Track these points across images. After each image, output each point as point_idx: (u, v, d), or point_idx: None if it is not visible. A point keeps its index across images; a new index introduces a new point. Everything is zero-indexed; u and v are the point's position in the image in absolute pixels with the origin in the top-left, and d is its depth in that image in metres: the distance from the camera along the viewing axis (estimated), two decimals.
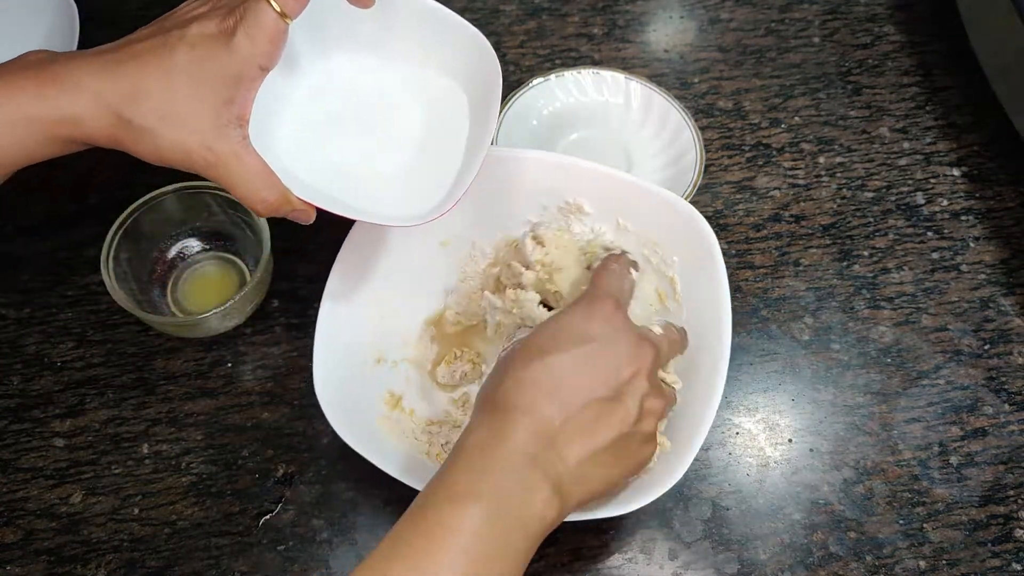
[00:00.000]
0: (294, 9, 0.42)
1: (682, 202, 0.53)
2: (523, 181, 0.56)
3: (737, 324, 0.61)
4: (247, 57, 0.42)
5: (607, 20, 0.77)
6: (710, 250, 0.52)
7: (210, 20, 0.42)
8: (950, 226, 0.67)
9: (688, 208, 0.53)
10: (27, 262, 0.61)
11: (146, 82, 0.41)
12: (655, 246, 0.55)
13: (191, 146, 0.42)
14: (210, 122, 0.42)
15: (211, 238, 0.61)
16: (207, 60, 0.41)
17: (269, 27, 0.41)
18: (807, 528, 0.54)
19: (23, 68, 0.42)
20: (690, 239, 0.53)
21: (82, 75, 0.41)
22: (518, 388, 0.41)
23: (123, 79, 0.41)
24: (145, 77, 0.41)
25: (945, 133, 0.71)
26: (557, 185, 0.56)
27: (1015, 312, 0.63)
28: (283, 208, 0.45)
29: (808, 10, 0.78)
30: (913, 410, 0.59)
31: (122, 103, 0.41)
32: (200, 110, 0.42)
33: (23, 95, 0.41)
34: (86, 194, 0.64)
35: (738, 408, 0.58)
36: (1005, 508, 0.55)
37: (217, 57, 0.41)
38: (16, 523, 0.52)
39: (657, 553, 0.53)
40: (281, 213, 0.45)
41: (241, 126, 0.43)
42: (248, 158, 0.43)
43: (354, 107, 0.51)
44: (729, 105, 0.72)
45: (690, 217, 0.53)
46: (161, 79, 0.41)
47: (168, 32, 0.42)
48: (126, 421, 0.56)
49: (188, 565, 0.51)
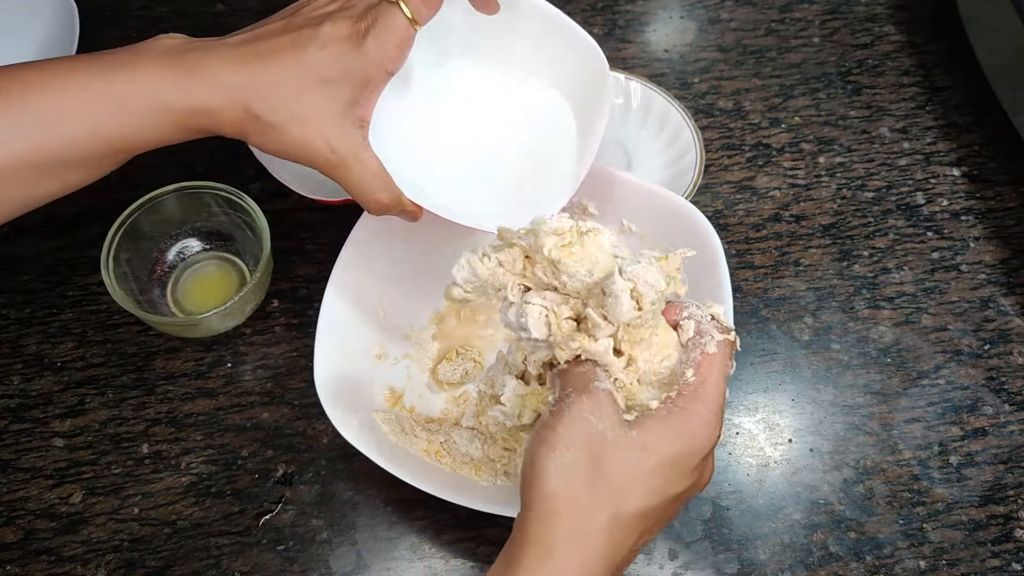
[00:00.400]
0: (425, 16, 0.43)
1: (687, 204, 0.53)
2: None
3: (737, 324, 0.61)
4: (376, 61, 0.43)
5: (607, 20, 0.77)
6: (714, 254, 0.51)
7: (342, 21, 0.43)
8: (950, 226, 0.67)
9: (693, 211, 0.53)
10: (27, 262, 0.61)
11: (279, 80, 0.42)
12: (659, 248, 0.55)
13: (316, 145, 0.43)
14: (335, 123, 0.43)
15: (211, 238, 0.61)
16: (337, 62, 0.42)
17: (400, 33, 0.42)
18: (807, 528, 0.54)
19: (163, 55, 0.43)
20: (694, 242, 0.52)
21: (220, 69, 0.42)
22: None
23: (258, 75, 0.42)
24: (278, 74, 0.42)
25: (945, 133, 0.71)
26: None
27: (1015, 312, 0.63)
28: (394, 209, 0.46)
29: (808, 10, 0.78)
30: (913, 410, 0.59)
31: (254, 99, 0.42)
32: (327, 110, 0.43)
33: (163, 84, 0.42)
34: (86, 194, 0.64)
35: (738, 408, 0.58)
36: (1005, 508, 0.55)
37: (347, 59, 0.42)
38: (16, 523, 0.52)
39: (657, 553, 0.53)
40: (392, 213, 0.47)
41: (362, 127, 0.44)
42: (368, 159, 0.44)
43: (465, 113, 0.52)
44: (729, 105, 0.72)
45: (694, 220, 0.53)
46: (293, 78, 0.42)
47: (300, 29, 0.43)
48: (126, 421, 0.56)
49: (188, 565, 0.51)
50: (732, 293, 0.50)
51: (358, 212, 0.64)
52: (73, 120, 0.41)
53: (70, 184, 0.44)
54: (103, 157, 0.43)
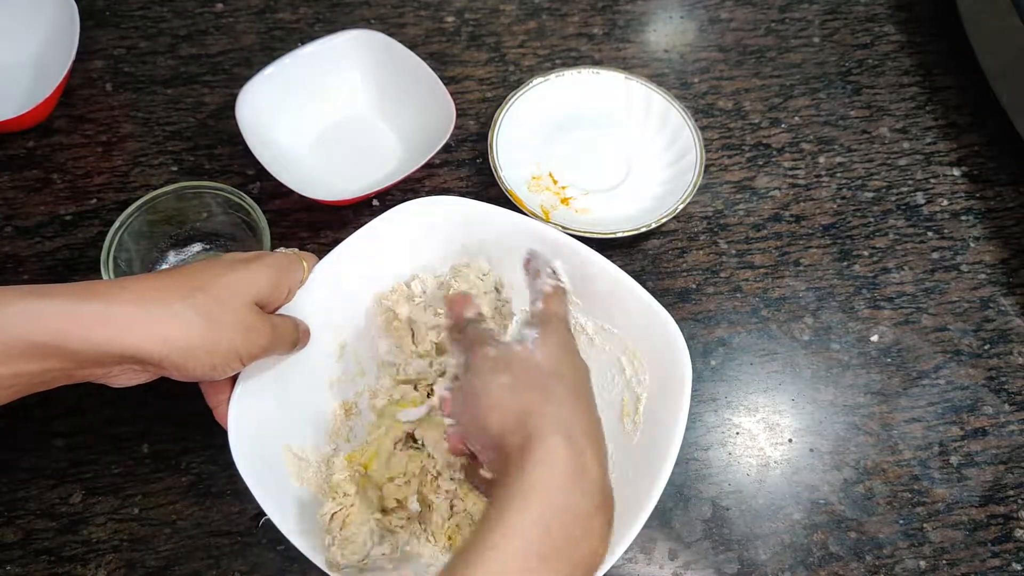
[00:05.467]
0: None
1: (668, 320, 0.50)
2: (503, 234, 0.54)
3: (737, 324, 0.61)
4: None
5: (607, 20, 0.77)
6: (682, 379, 0.48)
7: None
8: (950, 226, 0.67)
9: (674, 330, 0.50)
10: (27, 262, 0.61)
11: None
12: (632, 356, 0.52)
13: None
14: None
15: (211, 238, 0.61)
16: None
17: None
18: (807, 528, 0.54)
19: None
20: (664, 359, 0.50)
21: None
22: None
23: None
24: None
25: (945, 133, 0.71)
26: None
27: (1015, 312, 0.63)
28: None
29: (808, 10, 0.78)
30: (913, 410, 0.59)
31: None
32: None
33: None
34: (86, 194, 0.64)
35: (738, 408, 0.58)
36: (1005, 508, 0.55)
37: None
38: (16, 523, 0.52)
39: (657, 553, 0.53)
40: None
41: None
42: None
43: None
44: (729, 105, 0.72)
45: (673, 341, 0.49)
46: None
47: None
48: (126, 421, 0.56)
49: (188, 565, 0.51)
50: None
51: (359, 212, 0.64)
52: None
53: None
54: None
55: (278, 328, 0.46)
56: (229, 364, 0.43)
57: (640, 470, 0.47)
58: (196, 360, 0.41)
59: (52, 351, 0.39)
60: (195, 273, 0.43)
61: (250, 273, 0.44)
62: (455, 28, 0.75)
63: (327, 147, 0.67)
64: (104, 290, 0.40)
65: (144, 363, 0.41)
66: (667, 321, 0.50)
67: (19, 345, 0.38)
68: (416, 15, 0.76)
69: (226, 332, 0.42)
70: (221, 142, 0.67)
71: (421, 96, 0.66)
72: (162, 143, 0.67)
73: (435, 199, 0.54)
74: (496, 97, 0.71)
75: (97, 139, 0.67)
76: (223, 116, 0.69)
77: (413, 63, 0.66)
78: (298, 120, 0.67)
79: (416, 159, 0.63)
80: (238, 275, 0.43)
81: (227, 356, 0.42)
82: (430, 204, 0.54)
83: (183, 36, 0.73)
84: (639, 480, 0.46)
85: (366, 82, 0.68)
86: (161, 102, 0.69)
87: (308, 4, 0.76)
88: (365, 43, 0.67)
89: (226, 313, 0.42)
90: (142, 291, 0.41)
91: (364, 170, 0.66)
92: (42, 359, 0.39)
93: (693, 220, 0.66)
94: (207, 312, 0.41)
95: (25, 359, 0.39)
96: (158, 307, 0.40)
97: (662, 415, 0.48)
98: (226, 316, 0.42)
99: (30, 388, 0.41)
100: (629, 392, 0.51)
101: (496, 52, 0.74)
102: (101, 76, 0.70)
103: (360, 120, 0.69)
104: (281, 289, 0.46)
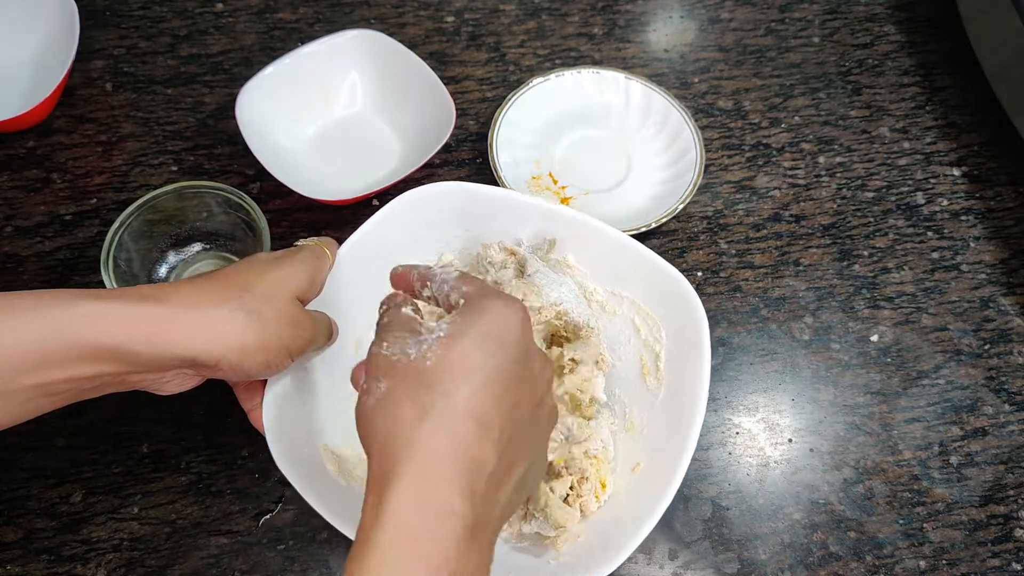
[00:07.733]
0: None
1: (679, 277, 0.51)
2: (515, 222, 0.55)
3: (737, 324, 0.61)
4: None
5: (607, 20, 0.77)
6: (699, 334, 0.49)
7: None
8: (950, 226, 0.67)
9: (685, 285, 0.51)
10: (27, 262, 0.61)
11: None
12: (646, 316, 0.53)
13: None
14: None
15: (211, 238, 0.61)
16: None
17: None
18: (807, 528, 0.54)
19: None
20: (679, 316, 0.51)
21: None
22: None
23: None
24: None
25: (945, 133, 0.71)
26: (542, 229, 0.55)
27: (1015, 312, 0.63)
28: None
29: (808, 10, 0.78)
30: (913, 410, 0.59)
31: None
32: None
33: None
34: (86, 194, 0.64)
35: (738, 408, 0.58)
36: (1005, 508, 0.55)
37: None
38: (16, 522, 0.52)
39: (657, 553, 0.53)
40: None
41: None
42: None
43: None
44: (729, 105, 0.72)
45: (684, 294, 0.50)
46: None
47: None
48: (126, 421, 0.56)
49: (188, 564, 0.51)
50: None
51: (359, 212, 0.64)
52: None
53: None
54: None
55: (318, 322, 0.46)
56: (281, 360, 0.43)
57: (671, 426, 0.49)
58: (252, 359, 0.42)
59: (111, 355, 0.39)
60: (238, 274, 0.43)
61: (289, 270, 0.45)
62: (455, 28, 0.75)
63: (327, 147, 0.67)
64: (156, 294, 0.41)
65: (201, 366, 0.41)
66: (674, 275, 0.51)
67: (79, 347, 0.38)
68: (416, 15, 0.76)
69: (276, 329, 0.42)
70: (221, 142, 0.67)
71: (421, 96, 0.66)
72: (162, 143, 0.67)
73: (442, 184, 0.55)
74: (496, 97, 0.71)
75: (97, 139, 0.67)
76: (223, 116, 0.69)
77: (413, 63, 0.66)
78: (298, 120, 0.67)
79: (416, 159, 0.63)
80: (278, 273, 0.44)
81: (279, 353, 0.43)
82: (435, 191, 0.55)
83: (183, 36, 0.73)
84: (671, 439, 0.48)
85: (366, 82, 0.68)
86: (161, 102, 0.69)
87: (308, 4, 0.76)
88: (365, 43, 0.67)
89: (274, 311, 0.43)
90: (193, 294, 0.41)
91: (364, 170, 0.66)
92: (99, 363, 0.39)
93: (693, 220, 0.66)
94: (258, 311, 0.42)
95: (82, 363, 0.38)
96: (214, 309, 0.41)
97: (685, 364, 0.50)
98: (275, 313, 0.43)
99: (79, 395, 0.40)
100: (648, 351, 0.53)
101: (496, 52, 0.74)
102: (101, 76, 0.70)
103: (360, 120, 0.69)
104: (317, 283, 0.47)
